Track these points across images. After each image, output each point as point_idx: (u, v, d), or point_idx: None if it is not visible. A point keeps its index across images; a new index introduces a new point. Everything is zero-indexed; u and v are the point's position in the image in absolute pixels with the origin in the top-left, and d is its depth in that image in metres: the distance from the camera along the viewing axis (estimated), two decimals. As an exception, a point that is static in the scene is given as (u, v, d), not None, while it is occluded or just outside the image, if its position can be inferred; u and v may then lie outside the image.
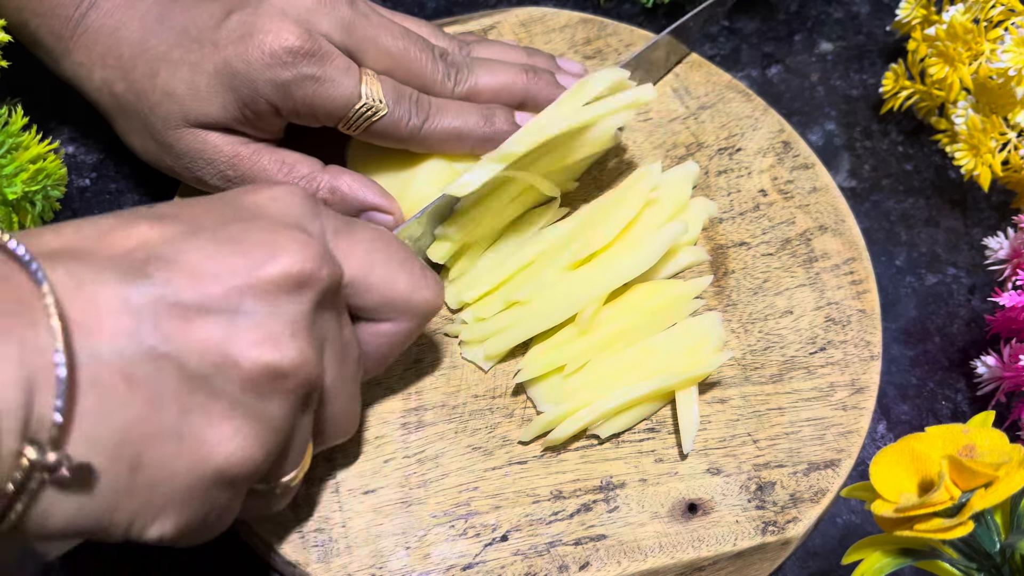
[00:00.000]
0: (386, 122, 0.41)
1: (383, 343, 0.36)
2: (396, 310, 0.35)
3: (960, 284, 0.49)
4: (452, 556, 0.38)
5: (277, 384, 0.29)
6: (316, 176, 0.42)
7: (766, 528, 0.39)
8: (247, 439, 0.29)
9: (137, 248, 0.29)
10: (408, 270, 0.35)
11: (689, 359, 0.41)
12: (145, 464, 0.27)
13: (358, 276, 0.34)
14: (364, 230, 0.35)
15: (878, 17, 0.58)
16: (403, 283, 0.35)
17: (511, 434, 0.41)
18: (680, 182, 0.45)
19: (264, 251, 0.30)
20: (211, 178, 0.42)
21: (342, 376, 0.33)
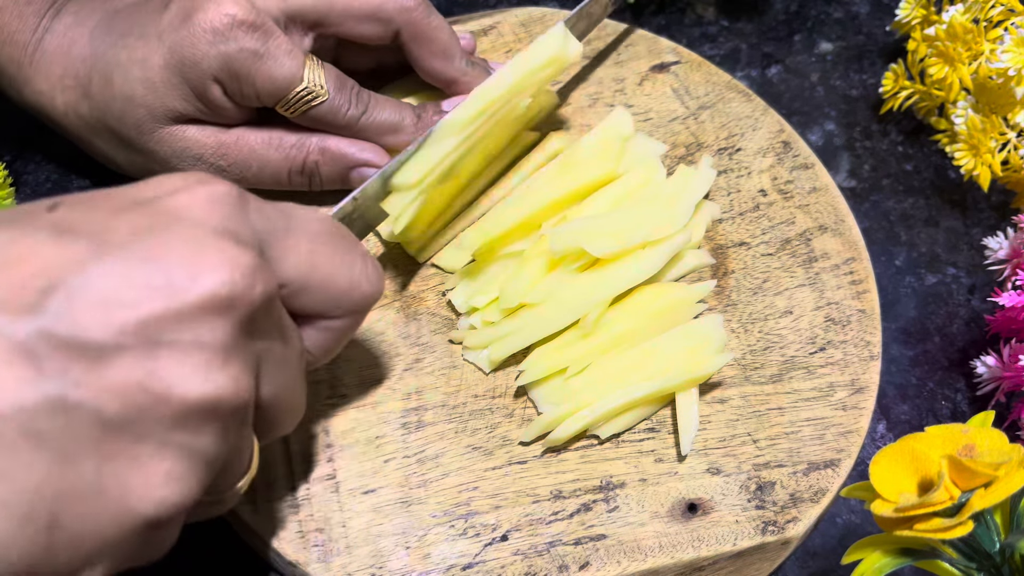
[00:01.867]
0: (325, 108, 0.41)
1: (327, 337, 0.34)
2: (338, 307, 0.33)
3: (960, 284, 0.49)
4: (452, 556, 0.38)
5: (210, 416, 0.26)
6: (303, 143, 0.43)
7: (766, 528, 0.39)
8: (180, 480, 0.26)
9: (34, 275, 0.24)
10: (349, 265, 0.33)
11: (690, 361, 0.41)
12: (64, 523, 0.25)
13: (298, 278, 0.31)
14: (304, 222, 0.32)
15: (878, 17, 0.58)
16: (344, 280, 0.33)
17: (511, 434, 0.41)
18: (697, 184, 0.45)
19: (186, 270, 0.26)
20: (205, 170, 0.42)
21: (285, 380, 0.31)
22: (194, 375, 0.26)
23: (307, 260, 0.31)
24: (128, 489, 0.25)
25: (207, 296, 0.26)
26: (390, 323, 0.43)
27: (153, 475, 0.26)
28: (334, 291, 0.33)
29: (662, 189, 0.45)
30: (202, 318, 0.26)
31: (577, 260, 0.42)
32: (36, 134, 0.51)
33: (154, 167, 0.42)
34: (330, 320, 0.34)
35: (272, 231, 0.30)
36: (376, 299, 0.35)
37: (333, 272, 0.32)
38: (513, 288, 0.42)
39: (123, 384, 0.25)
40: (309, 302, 0.32)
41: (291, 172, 0.43)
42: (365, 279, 0.34)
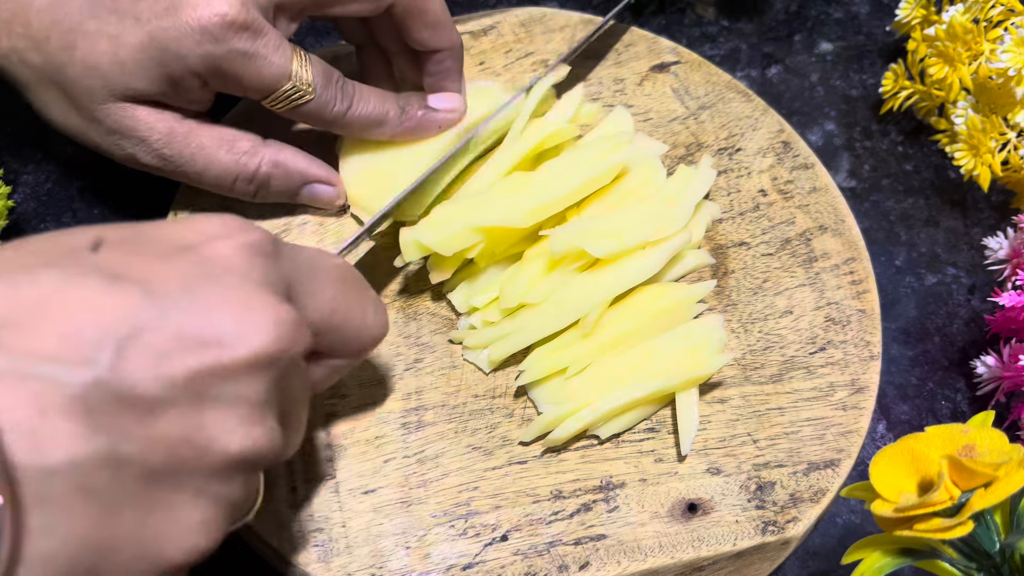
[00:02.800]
0: (312, 106, 0.41)
1: (327, 373, 0.35)
2: (346, 349, 0.34)
3: (960, 284, 0.49)
4: (452, 556, 0.38)
5: (243, 468, 0.27)
6: (258, 151, 0.42)
7: (766, 528, 0.39)
8: (211, 527, 0.27)
9: (88, 326, 0.24)
10: (362, 308, 0.34)
11: (690, 361, 0.41)
12: (103, 571, 0.25)
13: (317, 323, 0.32)
14: (325, 268, 0.33)
15: (878, 17, 0.58)
16: (356, 325, 0.34)
17: (511, 434, 0.41)
18: (698, 185, 0.45)
19: (235, 326, 0.26)
20: (144, 156, 0.41)
21: (299, 422, 0.32)
22: (236, 430, 0.26)
23: (327, 306, 0.32)
24: (164, 537, 0.26)
25: (253, 354, 0.27)
26: (390, 323, 0.43)
27: (188, 523, 0.26)
28: (346, 335, 0.34)
29: (662, 189, 0.45)
30: (247, 375, 0.27)
31: (577, 260, 0.42)
32: (36, 133, 0.51)
33: (92, 135, 0.41)
34: (336, 359, 0.35)
35: (299, 278, 0.31)
36: (380, 342, 0.36)
37: (348, 318, 0.33)
38: (513, 288, 0.42)
39: (170, 437, 0.25)
40: (322, 344, 0.33)
41: (238, 178, 0.43)
42: (374, 324, 0.35)
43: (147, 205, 0.49)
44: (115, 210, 0.49)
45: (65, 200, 0.49)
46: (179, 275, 0.27)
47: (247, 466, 0.27)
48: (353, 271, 0.35)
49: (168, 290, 0.26)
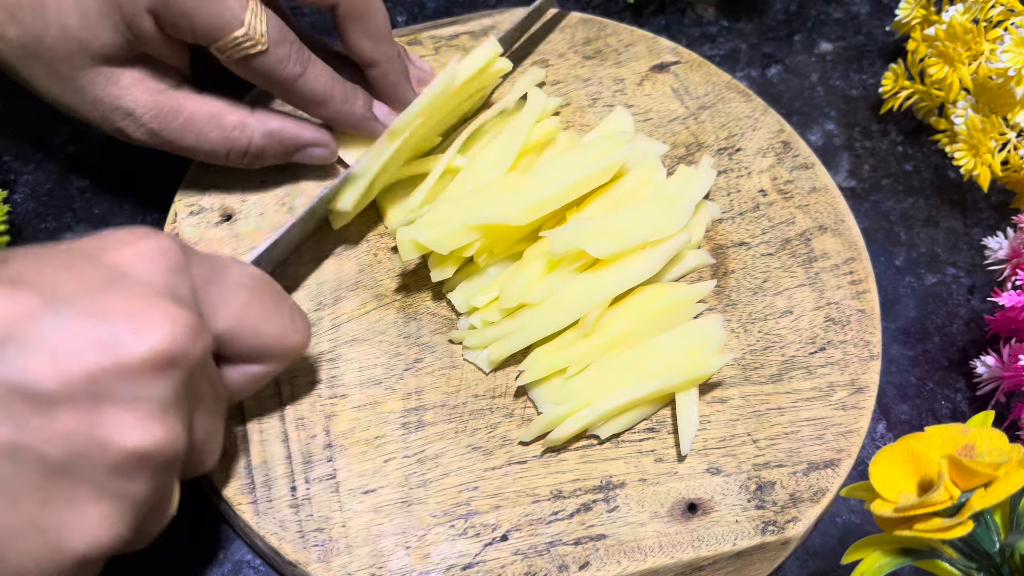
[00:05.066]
0: (264, 61, 0.40)
1: (249, 382, 0.36)
2: (265, 356, 0.35)
3: (960, 284, 0.49)
4: (452, 556, 0.38)
5: (145, 464, 0.28)
6: (247, 125, 0.42)
7: (766, 528, 0.39)
8: (112, 522, 0.28)
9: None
10: (279, 314, 0.35)
11: (689, 361, 0.41)
12: (5, 558, 0.26)
13: (228, 328, 0.33)
14: (236, 275, 0.34)
15: (878, 17, 0.58)
16: (274, 330, 0.34)
17: (511, 434, 0.41)
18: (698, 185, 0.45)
19: (132, 329, 0.28)
20: (135, 131, 0.41)
21: (212, 427, 0.33)
22: (134, 427, 0.27)
23: (238, 313, 0.33)
24: (65, 529, 0.27)
25: (151, 354, 0.28)
26: (390, 323, 0.43)
27: (89, 517, 0.27)
28: (262, 342, 0.34)
29: (662, 189, 0.45)
30: (145, 374, 0.28)
31: (577, 260, 0.42)
32: (37, 133, 0.51)
33: (81, 107, 0.40)
34: (255, 366, 0.35)
35: (207, 283, 0.32)
36: (303, 350, 0.36)
37: (262, 324, 0.34)
38: (513, 288, 0.42)
39: (68, 432, 0.26)
40: (238, 350, 0.34)
41: (231, 152, 0.43)
42: (293, 331, 0.35)
43: (147, 205, 0.49)
44: (115, 210, 0.49)
45: (65, 200, 0.49)
46: (81, 281, 0.28)
47: (148, 464, 0.28)
48: (267, 279, 0.35)
49: (69, 294, 0.27)
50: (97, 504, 0.27)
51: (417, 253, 0.42)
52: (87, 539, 0.27)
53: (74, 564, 0.28)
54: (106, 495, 0.28)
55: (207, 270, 0.32)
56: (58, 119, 0.51)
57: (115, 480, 0.28)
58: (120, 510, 0.28)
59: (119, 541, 0.28)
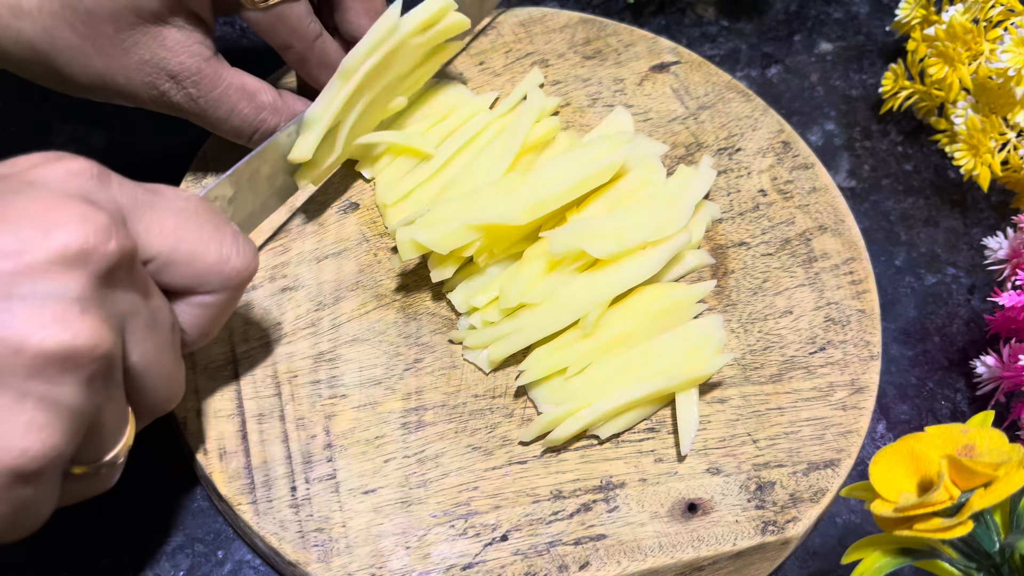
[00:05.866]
0: (294, 11, 0.40)
1: (201, 314, 0.34)
2: (208, 283, 0.33)
3: (960, 284, 0.49)
4: (452, 556, 0.38)
5: (69, 366, 0.27)
6: (278, 109, 0.42)
7: (766, 528, 0.39)
8: (43, 430, 0.26)
9: None
10: (219, 240, 0.33)
11: (689, 361, 0.41)
12: None
13: (163, 251, 0.32)
14: (170, 199, 0.32)
15: (878, 17, 0.58)
16: (213, 255, 0.33)
17: (511, 434, 0.41)
18: (698, 185, 0.45)
19: (37, 226, 0.27)
20: (175, 94, 0.40)
21: (154, 347, 0.31)
22: (50, 326, 0.26)
23: (172, 235, 0.32)
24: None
25: (59, 250, 0.27)
26: (390, 323, 0.43)
27: (16, 424, 0.26)
28: (202, 265, 0.33)
29: (662, 189, 0.45)
30: (55, 272, 0.27)
31: (577, 260, 0.42)
32: (37, 134, 0.51)
33: (117, 78, 0.39)
34: (202, 296, 0.34)
35: (135, 205, 0.31)
36: (249, 274, 0.34)
37: (200, 247, 0.33)
38: (513, 288, 0.42)
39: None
40: (177, 276, 0.33)
41: (258, 132, 0.43)
42: (235, 253, 0.34)
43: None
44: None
45: (65, 200, 0.49)
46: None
47: (72, 365, 0.27)
48: (204, 205, 0.34)
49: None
50: (20, 412, 0.26)
51: (417, 253, 0.42)
52: (16, 448, 0.26)
53: (10, 475, 0.26)
54: (31, 401, 0.26)
55: (135, 191, 0.31)
56: (58, 119, 0.51)
57: (38, 384, 0.26)
58: (50, 417, 0.27)
59: (53, 452, 0.27)
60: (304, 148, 0.42)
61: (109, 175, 0.31)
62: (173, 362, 0.33)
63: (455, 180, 0.45)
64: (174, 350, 0.33)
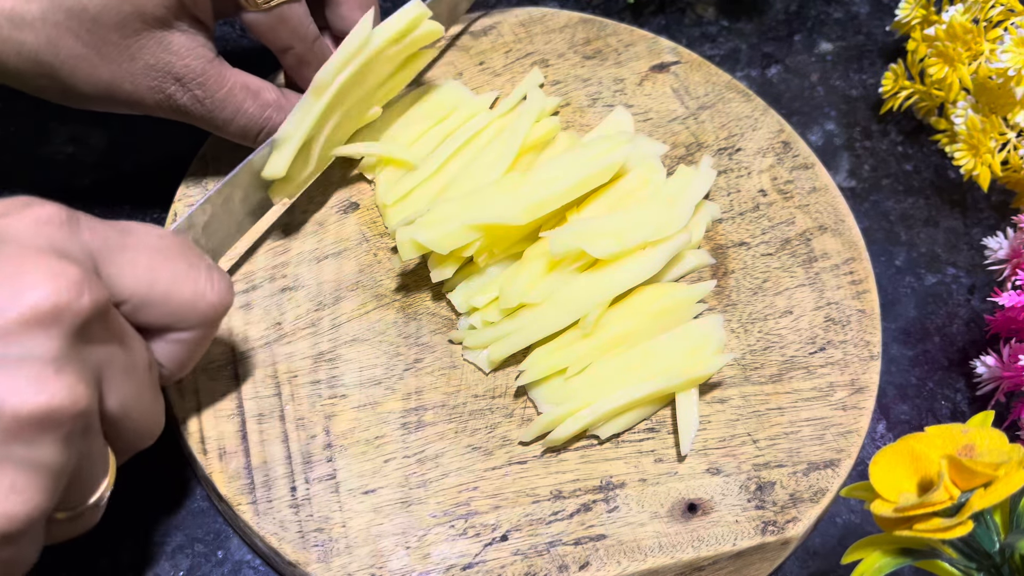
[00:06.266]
0: (295, 11, 0.40)
1: (178, 350, 0.34)
2: (184, 321, 0.33)
3: (960, 284, 0.49)
4: (452, 556, 0.38)
5: (47, 427, 0.26)
6: (282, 106, 0.42)
7: (766, 528, 0.39)
8: (24, 492, 0.26)
9: None
10: (193, 278, 0.33)
11: (690, 361, 0.41)
12: None
13: (138, 292, 0.31)
14: (142, 237, 0.32)
15: (878, 17, 0.58)
16: (188, 293, 0.33)
17: (511, 434, 0.41)
18: (698, 185, 0.45)
19: (8, 287, 0.26)
20: (181, 96, 0.40)
21: (132, 391, 0.31)
22: (26, 388, 0.26)
23: (146, 275, 0.31)
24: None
25: (30, 311, 0.26)
26: (390, 323, 0.43)
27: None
28: (177, 304, 0.33)
29: (662, 189, 0.45)
30: (28, 332, 0.26)
31: (577, 260, 0.42)
32: (36, 133, 0.51)
33: (124, 85, 0.39)
34: (179, 333, 0.34)
35: (107, 248, 0.30)
36: (224, 309, 0.34)
37: (174, 286, 0.32)
38: (513, 288, 0.42)
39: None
40: (153, 316, 0.32)
41: (263, 132, 0.43)
42: (210, 289, 0.33)
43: (147, 205, 0.49)
44: (115, 210, 0.49)
45: (65, 200, 0.49)
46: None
47: (51, 425, 0.26)
48: (177, 241, 0.33)
49: None
50: (1, 476, 0.26)
51: (417, 253, 0.42)
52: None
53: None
54: (11, 465, 0.26)
55: (106, 234, 0.31)
56: (58, 119, 0.51)
57: (17, 447, 0.26)
58: (30, 479, 0.26)
59: (35, 513, 0.27)
60: (278, 165, 0.41)
61: (78, 220, 0.30)
62: (152, 401, 0.33)
63: (455, 180, 0.45)
64: (152, 389, 0.33)
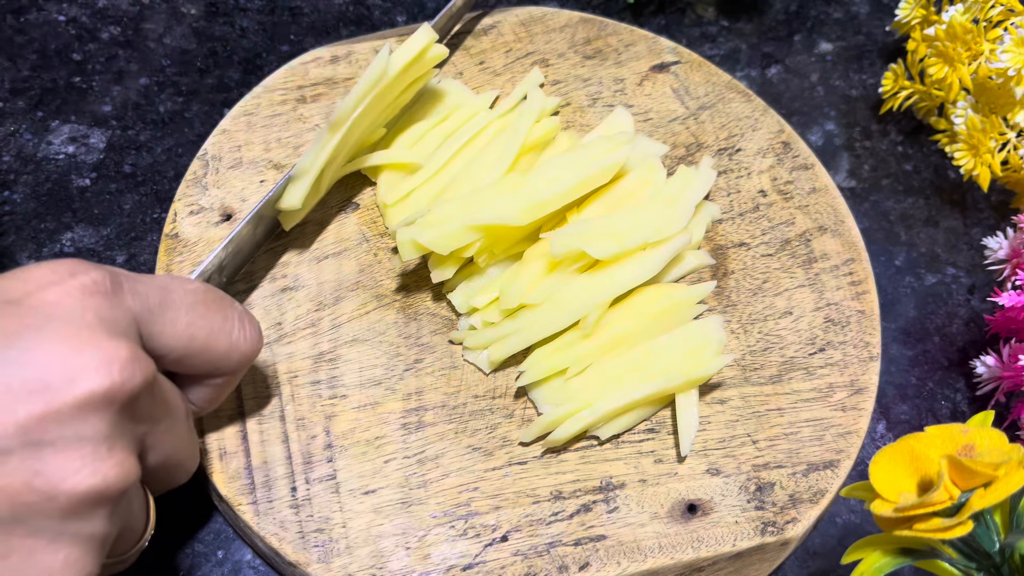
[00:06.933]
0: None
1: (210, 392, 0.35)
2: (219, 369, 0.35)
3: (959, 284, 0.49)
4: (452, 556, 0.38)
5: (99, 502, 0.27)
6: None
7: (765, 529, 0.39)
8: (77, 564, 0.27)
9: None
10: (228, 329, 0.34)
11: (689, 362, 0.41)
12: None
13: (177, 348, 0.32)
14: (179, 295, 0.32)
15: (878, 17, 0.58)
16: (223, 344, 0.34)
17: (511, 434, 0.41)
18: (698, 185, 0.45)
19: (62, 371, 0.27)
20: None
21: (171, 443, 0.32)
22: (80, 469, 0.27)
23: (185, 332, 0.32)
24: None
25: (86, 396, 0.27)
26: (390, 323, 0.43)
27: (50, 566, 0.27)
28: (214, 356, 0.34)
29: (662, 190, 0.45)
30: (83, 415, 0.27)
31: (577, 261, 0.42)
32: (37, 133, 0.51)
33: None
34: (213, 379, 0.35)
35: (148, 310, 0.31)
36: (255, 357, 0.36)
37: (212, 339, 0.33)
38: (513, 289, 0.42)
39: (12, 486, 0.26)
40: (191, 367, 0.33)
41: None
42: (243, 340, 0.35)
43: (147, 205, 0.49)
44: (115, 210, 0.49)
45: (65, 200, 0.49)
46: (4, 329, 0.27)
47: (102, 502, 0.27)
48: (211, 292, 0.34)
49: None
50: (56, 551, 0.27)
51: (417, 254, 0.42)
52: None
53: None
54: (65, 540, 0.27)
55: (147, 295, 0.31)
56: (58, 119, 0.51)
57: (71, 524, 0.27)
58: (83, 551, 0.27)
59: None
60: (295, 198, 0.42)
61: (121, 284, 0.30)
62: (189, 444, 0.34)
63: (455, 180, 0.45)
64: (189, 434, 0.34)
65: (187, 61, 0.53)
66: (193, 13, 0.55)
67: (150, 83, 0.52)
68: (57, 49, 0.53)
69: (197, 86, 0.52)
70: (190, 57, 0.53)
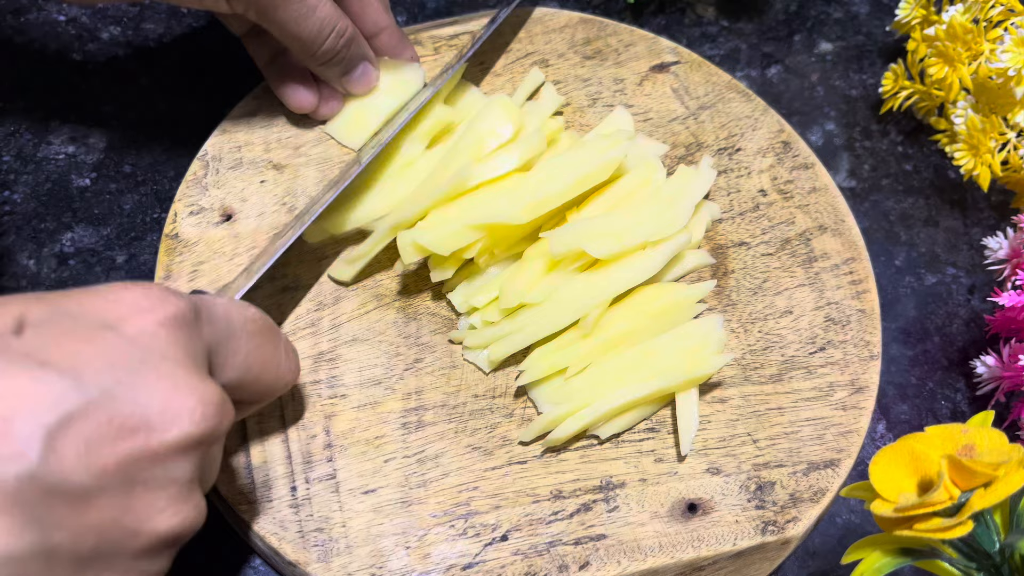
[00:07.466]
0: None
1: (243, 411, 0.37)
2: (259, 398, 0.36)
3: (959, 284, 0.49)
4: (452, 556, 0.38)
5: (173, 544, 0.28)
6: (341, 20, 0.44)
7: (766, 528, 0.39)
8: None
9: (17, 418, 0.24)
10: (276, 362, 0.35)
11: (690, 361, 0.41)
12: None
13: (235, 378, 0.33)
14: (240, 326, 0.33)
15: (878, 17, 0.58)
16: (271, 375, 0.35)
17: (511, 434, 0.41)
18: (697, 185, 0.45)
19: (163, 412, 0.27)
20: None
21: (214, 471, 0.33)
22: (165, 509, 0.27)
23: (243, 362, 0.34)
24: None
25: (183, 438, 0.28)
26: (390, 323, 0.43)
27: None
28: (262, 386, 0.35)
29: (662, 189, 0.45)
30: (175, 457, 0.28)
31: (577, 260, 0.42)
32: (36, 133, 0.51)
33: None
34: (251, 405, 0.36)
35: (217, 341, 0.32)
36: (293, 382, 0.37)
37: (263, 370, 0.35)
38: (513, 288, 0.42)
39: (102, 524, 0.26)
40: (239, 394, 0.34)
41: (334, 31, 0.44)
42: (288, 371, 0.36)
43: (147, 205, 0.49)
44: (115, 210, 0.49)
45: (65, 200, 0.49)
46: (104, 358, 0.27)
47: (175, 542, 0.28)
48: (266, 321, 0.35)
49: (95, 376, 0.26)
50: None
51: (419, 255, 0.42)
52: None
53: None
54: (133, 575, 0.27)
55: (216, 327, 0.32)
56: (58, 119, 0.51)
57: (143, 562, 0.28)
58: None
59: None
60: (347, 275, 0.44)
61: (199, 313, 0.31)
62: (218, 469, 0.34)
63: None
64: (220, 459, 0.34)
65: (187, 61, 0.53)
66: (193, 13, 0.55)
67: (150, 83, 0.52)
68: (57, 49, 0.53)
69: (197, 86, 0.52)
70: (190, 57, 0.53)
